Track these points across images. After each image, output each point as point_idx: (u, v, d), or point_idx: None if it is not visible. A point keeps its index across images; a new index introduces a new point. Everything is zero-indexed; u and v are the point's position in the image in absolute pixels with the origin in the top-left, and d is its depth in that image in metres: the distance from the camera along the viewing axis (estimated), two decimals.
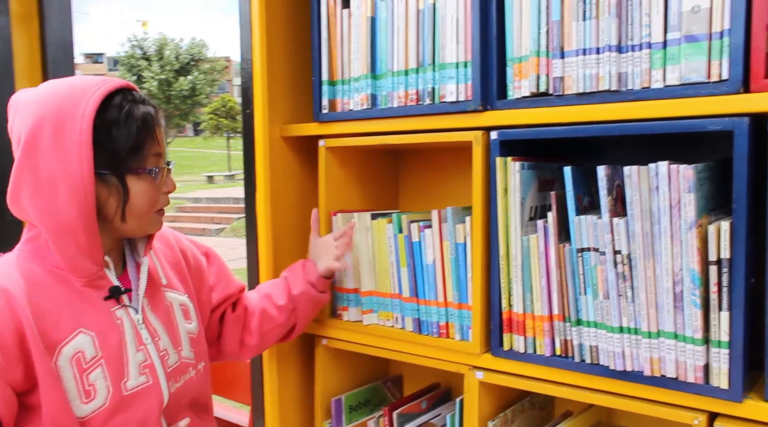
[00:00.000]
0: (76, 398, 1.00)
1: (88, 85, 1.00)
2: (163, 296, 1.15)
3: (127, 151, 1.01)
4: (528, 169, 1.20)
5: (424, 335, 1.33)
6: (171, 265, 1.21)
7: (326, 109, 1.45)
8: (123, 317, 1.07)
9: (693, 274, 1.00)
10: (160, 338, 1.11)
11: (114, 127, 1.00)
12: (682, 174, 1.00)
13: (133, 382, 1.05)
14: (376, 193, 1.63)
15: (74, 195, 0.97)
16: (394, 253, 1.36)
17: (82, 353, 1.01)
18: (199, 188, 19.92)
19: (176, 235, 1.28)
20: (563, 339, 1.16)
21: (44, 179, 0.97)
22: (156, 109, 1.07)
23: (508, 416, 1.31)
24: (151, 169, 1.05)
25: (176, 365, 1.13)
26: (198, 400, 1.21)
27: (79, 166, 0.96)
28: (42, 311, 0.99)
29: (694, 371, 1.02)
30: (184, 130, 44.51)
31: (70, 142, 0.96)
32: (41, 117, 0.97)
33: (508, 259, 1.20)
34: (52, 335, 0.99)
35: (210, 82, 30.44)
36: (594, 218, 1.09)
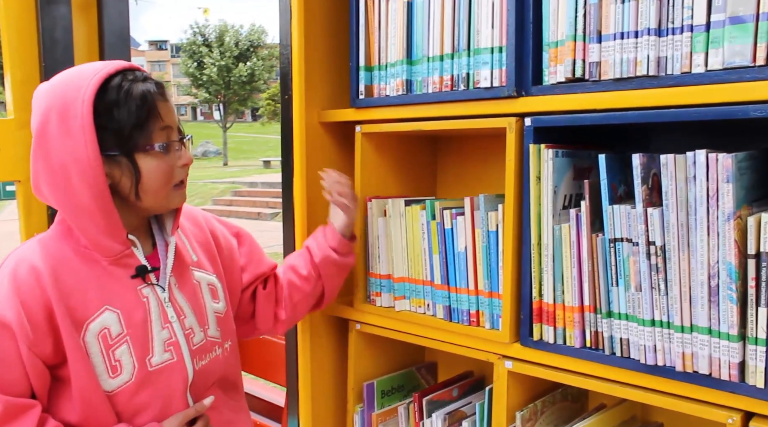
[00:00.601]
0: (104, 373, 1.04)
1: (89, 71, 1.03)
2: (191, 275, 1.18)
3: (130, 129, 1.03)
4: (562, 156, 1.17)
5: (454, 322, 1.33)
6: (200, 245, 1.23)
7: (363, 95, 1.45)
8: (149, 295, 1.10)
9: (730, 267, 0.96)
10: (186, 317, 1.14)
11: (114, 107, 1.02)
12: (721, 163, 0.96)
13: (158, 358, 1.09)
14: (413, 179, 1.62)
15: (84, 177, 1.00)
16: (426, 240, 1.36)
17: (108, 330, 1.05)
18: (255, 173, 20.30)
19: (206, 216, 1.30)
20: (593, 331, 1.14)
21: (56, 165, 1.01)
22: (159, 85, 1.08)
23: (537, 407, 1.29)
24: (159, 144, 1.06)
25: (202, 343, 1.15)
26: (227, 378, 1.24)
27: (85, 149, 0.99)
28: (69, 288, 1.03)
29: (728, 369, 0.98)
30: (243, 116, 45.38)
31: (74, 127, 0.99)
32: (49, 106, 1.01)
33: (539, 248, 1.18)
34: (79, 311, 1.03)
35: (268, 68, 30.87)
36: (628, 207, 1.06)
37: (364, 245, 1.48)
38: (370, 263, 1.47)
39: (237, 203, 14.97)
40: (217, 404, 1.20)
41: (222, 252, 1.27)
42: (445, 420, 1.38)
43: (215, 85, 29.76)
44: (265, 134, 35.50)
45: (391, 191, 1.55)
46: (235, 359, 1.27)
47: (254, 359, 2.16)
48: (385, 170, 1.54)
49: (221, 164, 27.69)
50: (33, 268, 1.01)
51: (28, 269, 1.01)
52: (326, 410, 1.62)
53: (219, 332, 1.20)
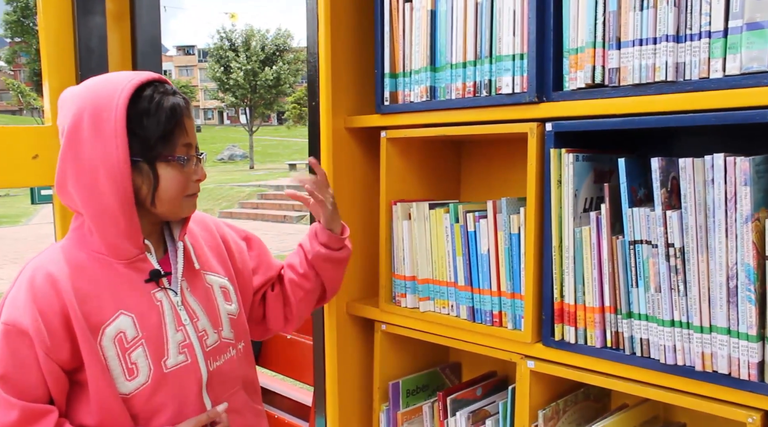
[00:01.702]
0: (121, 375, 1.07)
1: (122, 79, 1.08)
2: (203, 278, 1.21)
3: (157, 138, 1.08)
4: (582, 160, 1.20)
5: (477, 323, 1.36)
6: (211, 249, 1.27)
7: (388, 101, 1.49)
8: (163, 299, 1.13)
9: (748, 269, 0.98)
10: (198, 319, 1.16)
11: (145, 116, 1.07)
12: (739, 166, 0.98)
13: (173, 361, 1.12)
14: (437, 183, 1.66)
15: (112, 179, 1.04)
16: (450, 242, 1.39)
17: (124, 334, 1.08)
18: (281, 176, 20.47)
19: (216, 221, 1.34)
20: (614, 331, 1.16)
21: (86, 165, 1.05)
22: (186, 101, 1.13)
23: (559, 406, 1.31)
24: (180, 157, 1.10)
25: (216, 345, 1.18)
26: (247, 379, 1.27)
27: (115, 152, 1.04)
28: (85, 294, 1.06)
29: (748, 368, 1.00)
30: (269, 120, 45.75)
31: (107, 130, 1.04)
32: (81, 109, 1.05)
33: (560, 250, 1.21)
34: (95, 316, 1.06)
35: (294, 72, 31.11)
36: (647, 210, 1.08)
37: (389, 247, 1.51)
38: (395, 265, 1.51)
39: (263, 206, 15.12)
40: (242, 408, 1.22)
41: (233, 256, 1.30)
42: (468, 419, 1.41)
43: (242, 89, 30.09)
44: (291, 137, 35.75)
45: (416, 195, 1.58)
46: (250, 360, 1.29)
47: (282, 359, 2.21)
48: (410, 174, 1.58)
49: (247, 168, 27.99)
50: (49, 275, 1.05)
51: (45, 276, 1.05)
52: (352, 408, 1.66)
53: (233, 334, 1.23)
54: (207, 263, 1.24)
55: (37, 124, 2.18)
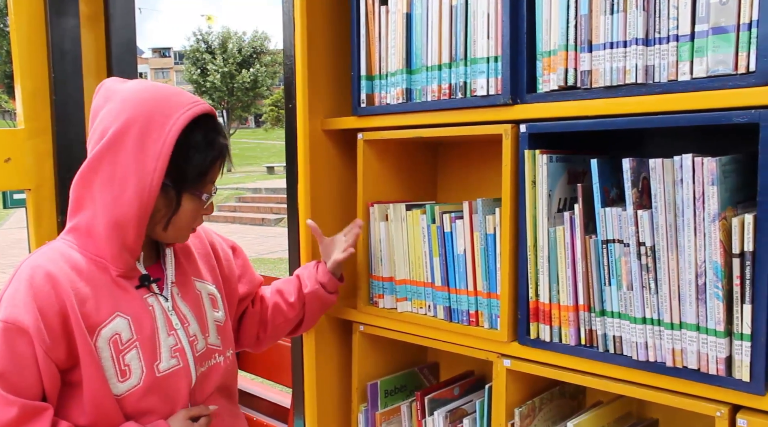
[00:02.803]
0: (113, 376, 1.08)
1: (182, 103, 1.09)
2: (193, 285, 1.23)
3: (196, 174, 1.11)
4: (556, 161, 1.22)
5: (454, 322, 1.37)
6: (201, 256, 1.28)
7: (364, 103, 1.50)
8: (154, 304, 1.14)
9: (716, 266, 1.01)
10: (189, 324, 1.18)
11: (193, 149, 1.09)
12: (706, 166, 1.00)
13: (165, 364, 1.13)
14: (414, 184, 1.67)
15: (140, 195, 1.06)
16: (427, 243, 1.41)
17: (119, 335, 1.09)
18: (259, 179, 20.37)
19: (205, 229, 1.35)
20: (588, 329, 1.18)
21: (119, 174, 1.06)
22: (227, 141, 1.17)
23: (535, 404, 1.33)
24: (206, 195, 1.15)
25: (203, 351, 1.20)
26: (226, 385, 1.28)
27: (152, 173, 1.05)
28: (83, 295, 1.07)
29: (716, 363, 1.02)
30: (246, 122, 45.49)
31: (152, 149, 1.05)
32: (133, 118, 1.06)
33: (535, 249, 1.22)
34: (92, 317, 1.07)
35: (271, 75, 31.02)
36: (619, 210, 1.11)
37: (367, 248, 1.52)
38: (373, 266, 1.51)
39: (241, 209, 15.03)
40: (220, 411, 1.24)
41: (221, 263, 1.32)
42: (446, 418, 1.43)
43: (219, 92, 29.92)
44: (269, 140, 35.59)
45: (393, 196, 1.59)
46: (234, 368, 1.31)
47: (260, 362, 2.20)
48: (387, 176, 1.59)
49: (225, 171, 27.79)
50: (49, 274, 1.05)
51: (44, 275, 1.05)
52: (331, 409, 1.67)
53: (219, 341, 1.25)
54: (197, 270, 1.26)
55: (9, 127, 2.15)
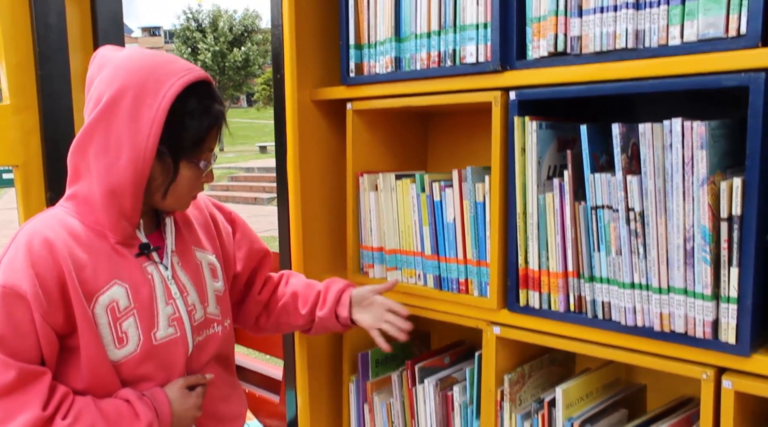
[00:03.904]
0: (111, 343, 1.09)
1: (177, 69, 1.08)
2: (193, 254, 1.23)
3: (192, 141, 1.10)
4: (546, 128, 1.21)
5: (444, 291, 1.38)
6: (201, 226, 1.28)
7: (353, 73, 1.49)
8: (153, 273, 1.14)
9: (704, 230, 1.01)
10: (188, 294, 1.18)
11: (188, 116, 1.08)
12: (696, 131, 1.00)
13: (163, 333, 1.13)
14: (404, 155, 1.66)
15: (134, 163, 1.05)
16: (416, 212, 1.40)
17: (117, 303, 1.09)
18: (252, 158, 20.29)
19: (205, 199, 1.34)
20: (577, 295, 1.19)
21: (113, 141, 1.05)
22: (225, 108, 1.16)
23: (525, 370, 1.34)
24: (203, 162, 1.13)
25: (201, 320, 1.20)
26: (223, 355, 1.29)
27: (146, 140, 1.04)
28: (81, 262, 1.07)
29: (702, 327, 1.03)
30: (238, 102, 45.18)
31: (145, 116, 1.04)
32: (126, 85, 1.05)
33: (524, 217, 1.22)
34: (90, 284, 1.07)
35: (263, 53, 30.71)
36: (608, 175, 1.10)
37: (357, 218, 1.52)
38: (363, 236, 1.51)
39: (234, 189, 14.98)
40: (216, 380, 1.25)
41: (221, 236, 1.32)
42: (436, 386, 1.43)
43: (210, 71, 29.60)
44: (261, 120, 35.39)
45: (383, 167, 1.59)
46: (231, 337, 1.32)
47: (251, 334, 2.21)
48: (377, 147, 1.58)
49: (218, 150, 27.65)
50: (47, 241, 1.05)
51: (43, 241, 1.05)
52: (322, 380, 1.67)
53: (219, 310, 1.25)
54: (197, 239, 1.26)
55: None
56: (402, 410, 1.51)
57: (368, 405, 1.57)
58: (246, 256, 1.37)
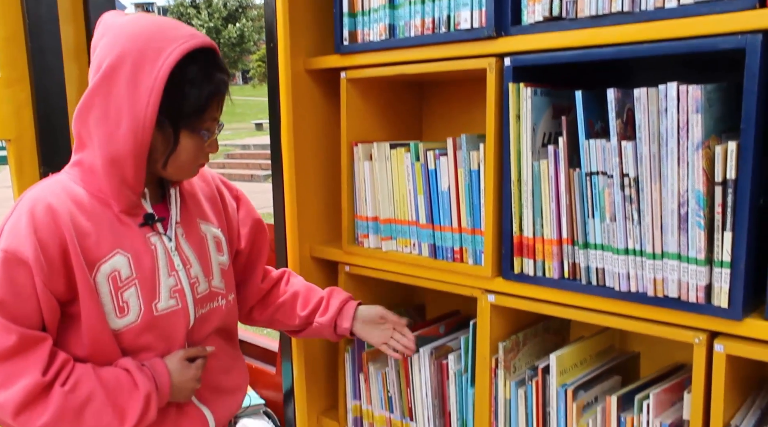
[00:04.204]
0: (111, 312, 1.08)
1: (178, 35, 1.05)
2: (198, 227, 1.22)
3: (192, 110, 1.07)
4: (541, 95, 1.20)
5: (439, 260, 1.38)
6: (207, 199, 1.27)
7: (347, 41, 1.47)
8: (157, 244, 1.13)
9: (698, 195, 1.01)
10: (191, 266, 1.18)
11: (188, 84, 1.05)
12: (691, 94, 0.99)
13: (164, 304, 1.13)
14: (399, 124, 1.65)
15: (134, 132, 1.03)
16: (411, 181, 1.40)
17: (118, 272, 1.09)
18: (248, 135, 20.19)
19: (212, 172, 1.33)
20: (571, 262, 1.19)
21: (113, 109, 1.04)
22: (228, 77, 1.13)
23: (519, 338, 1.35)
24: (205, 132, 1.11)
25: (205, 293, 1.20)
26: (226, 327, 1.28)
27: (144, 109, 1.02)
28: (84, 230, 1.06)
29: (696, 291, 1.03)
30: (233, 79, 44.83)
31: (144, 84, 1.02)
32: (126, 52, 1.03)
33: (519, 184, 1.22)
34: (92, 252, 1.06)
35: (258, 29, 30.42)
36: (603, 141, 1.10)
37: (351, 188, 1.51)
38: (357, 206, 1.51)
39: (230, 166, 14.92)
40: (218, 351, 1.25)
41: (227, 210, 1.31)
42: (432, 354, 1.44)
43: None
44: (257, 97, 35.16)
45: (377, 137, 1.57)
46: (235, 311, 1.32)
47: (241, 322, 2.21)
48: (371, 116, 1.57)
49: None
50: (50, 207, 1.04)
51: (45, 208, 1.04)
52: (318, 351, 1.68)
53: (223, 284, 1.24)
54: (202, 212, 1.24)
55: None
56: (397, 379, 1.52)
57: (364, 375, 1.58)
58: (249, 234, 1.35)
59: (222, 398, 1.26)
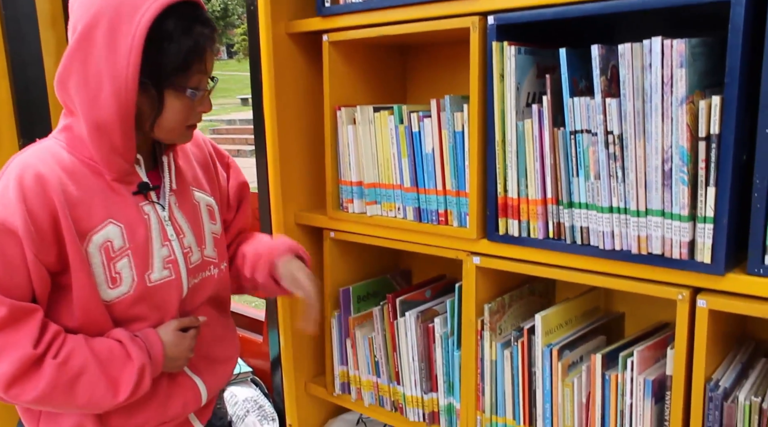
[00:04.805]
0: (104, 283, 1.06)
1: None
2: (192, 195, 1.18)
3: (173, 67, 1.01)
4: (525, 54, 1.19)
5: (424, 223, 1.37)
6: (201, 166, 1.23)
7: (329, 2, 1.44)
8: (150, 213, 1.10)
9: (682, 151, 1.00)
10: (185, 236, 1.15)
11: (167, 40, 1.00)
12: (675, 49, 0.98)
13: (157, 275, 1.10)
14: (383, 88, 1.63)
15: (116, 96, 0.99)
16: (395, 144, 1.38)
17: (111, 243, 1.06)
18: (233, 111, 20.01)
19: (205, 138, 1.29)
20: (556, 222, 1.18)
21: (92, 74, 0.99)
22: (214, 30, 1.06)
23: (505, 300, 1.35)
24: (191, 90, 1.05)
25: (198, 263, 1.17)
26: (218, 297, 1.26)
27: (125, 70, 0.98)
28: (75, 199, 1.03)
29: (679, 248, 1.03)
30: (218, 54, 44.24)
31: (122, 44, 0.97)
32: (100, 12, 0.98)
33: (503, 144, 1.21)
34: (83, 222, 1.03)
35: (242, 2, 29.93)
36: (587, 99, 1.09)
37: (335, 153, 1.50)
38: (342, 171, 1.49)
39: (216, 141, 14.78)
40: (210, 321, 1.22)
41: (219, 177, 1.27)
42: (417, 318, 1.44)
43: None
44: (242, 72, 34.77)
45: (361, 101, 1.55)
46: (227, 280, 1.28)
47: None
48: (355, 80, 1.55)
49: None
50: (39, 175, 1.00)
51: (35, 176, 1.00)
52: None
53: (216, 253, 1.21)
54: (197, 179, 1.20)
55: None
56: (384, 343, 1.52)
57: (350, 340, 1.58)
58: (235, 201, 1.31)
59: (214, 367, 1.24)
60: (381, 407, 1.58)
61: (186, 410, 1.18)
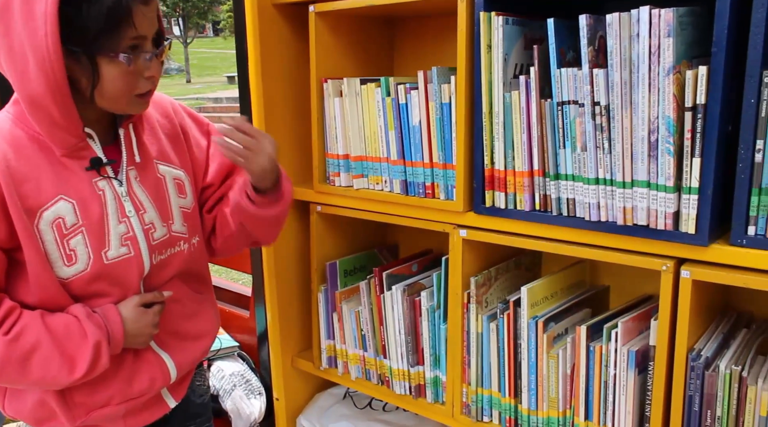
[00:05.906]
0: (58, 260, 1.03)
1: None
2: (155, 168, 1.14)
3: (98, 31, 0.94)
4: (513, 24, 1.18)
5: (411, 196, 1.37)
6: (168, 137, 1.18)
7: None
8: (105, 189, 1.07)
9: (668, 121, 1.00)
10: (145, 212, 1.11)
11: (84, 3, 0.93)
12: (663, 18, 0.97)
13: (114, 252, 1.07)
14: (370, 61, 1.62)
15: (42, 67, 0.94)
16: (382, 116, 1.37)
17: (63, 220, 1.03)
18: (220, 89, 19.83)
19: (176, 107, 1.23)
20: (542, 194, 1.18)
21: (16, 47, 0.95)
22: None
23: (491, 273, 1.35)
24: (124, 55, 0.97)
25: (164, 238, 1.13)
26: (190, 272, 1.22)
27: (44, 39, 0.92)
28: (23, 175, 1.00)
29: (664, 219, 1.04)
30: (204, 31, 43.66)
31: (37, 13, 0.92)
32: None
33: (490, 116, 1.20)
34: (32, 199, 1.00)
35: None
36: (574, 70, 1.08)
37: (321, 126, 1.48)
38: (328, 144, 1.48)
39: None
40: (180, 297, 1.19)
41: (191, 148, 1.22)
42: (404, 292, 1.44)
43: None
44: (228, 50, 34.36)
45: (348, 73, 1.54)
46: (201, 254, 1.24)
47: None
48: (341, 53, 1.53)
49: (184, 82, 26.87)
50: None
51: None
52: (291, 292, 1.68)
53: (185, 227, 1.18)
54: (162, 152, 1.16)
55: None
56: (370, 317, 1.52)
57: (337, 314, 1.59)
58: (219, 168, 1.25)
59: (184, 343, 1.21)
60: (367, 380, 1.59)
61: (154, 387, 1.16)
